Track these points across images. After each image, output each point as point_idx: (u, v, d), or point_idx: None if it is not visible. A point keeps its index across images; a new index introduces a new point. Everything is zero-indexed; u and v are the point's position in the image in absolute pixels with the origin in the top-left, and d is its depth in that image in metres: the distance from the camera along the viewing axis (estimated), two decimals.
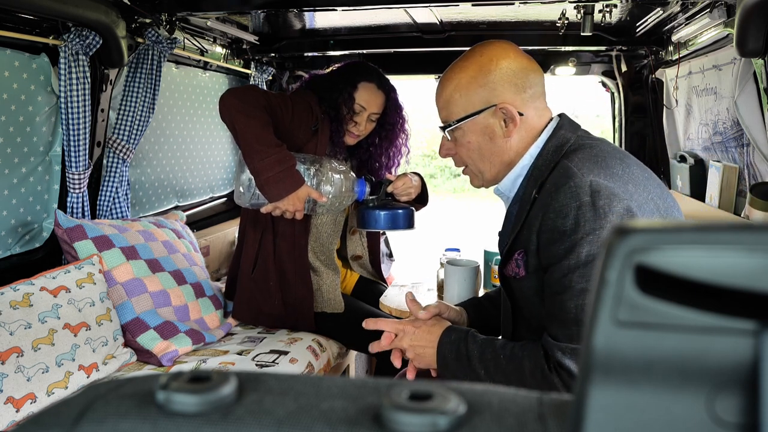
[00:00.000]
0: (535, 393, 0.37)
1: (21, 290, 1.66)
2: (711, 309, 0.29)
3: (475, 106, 1.24)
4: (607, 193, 1.07)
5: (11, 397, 1.51)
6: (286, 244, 2.16)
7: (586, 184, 1.08)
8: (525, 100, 1.23)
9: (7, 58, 1.78)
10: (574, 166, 1.12)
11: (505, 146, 1.25)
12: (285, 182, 1.83)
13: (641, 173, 1.16)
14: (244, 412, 0.34)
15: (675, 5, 1.98)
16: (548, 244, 1.12)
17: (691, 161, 2.39)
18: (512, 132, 1.23)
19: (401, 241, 2.83)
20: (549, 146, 1.22)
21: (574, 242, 1.08)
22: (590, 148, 1.17)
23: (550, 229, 1.11)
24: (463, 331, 1.24)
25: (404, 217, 2.12)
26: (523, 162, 1.26)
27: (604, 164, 1.12)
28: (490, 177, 1.31)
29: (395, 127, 2.28)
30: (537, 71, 1.26)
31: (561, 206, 1.09)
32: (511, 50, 1.25)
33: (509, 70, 1.23)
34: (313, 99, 2.15)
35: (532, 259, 1.16)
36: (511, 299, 1.27)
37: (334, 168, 2.00)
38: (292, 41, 2.86)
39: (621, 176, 1.11)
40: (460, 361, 1.20)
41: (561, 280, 1.09)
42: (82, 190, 2.02)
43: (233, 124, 1.85)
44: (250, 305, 2.20)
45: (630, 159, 1.19)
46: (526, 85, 1.23)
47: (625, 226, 0.30)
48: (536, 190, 1.18)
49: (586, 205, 1.07)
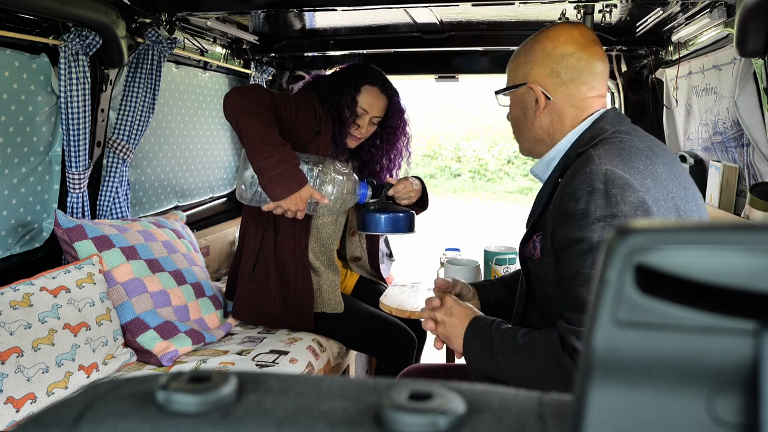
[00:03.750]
0: (535, 393, 0.37)
1: (21, 290, 1.66)
2: (711, 309, 0.29)
3: (516, 80, 1.31)
4: (621, 182, 1.08)
5: (11, 397, 1.51)
6: (287, 243, 2.16)
7: (601, 171, 1.10)
8: (556, 85, 1.26)
9: (7, 58, 1.78)
10: (596, 155, 1.14)
11: (536, 124, 1.30)
12: (288, 181, 1.83)
13: (666, 173, 1.16)
14: (244, 412, 0.34)
15: (675, 5, 1.98)
16: (559, 228, 1.14)
17: (691, 161, 2.39)
18: (539, 112, 1.28)
19: (401, 241, 2.83)
20: (585, 135, 1.24)
21: (584, 227, 1.09)
22: (620, 142, 1.18)
23: (562, 212, 1.13)
24: (489, 321, 1.25)
25: (405, 221, 2.13)
26: (559, 147, 1.28)
27: (626, 157, 1.13)
28: (525, 149, 1.38)
29: (397, 130, 2.29)
30: (585, 60, 1.25)
31: (574, 190, 1.11)
32: (564, 34, 1.26)
33: (549, 52, 1.25)
34: (315, 99, 2.15)
35: (547, 243, 1.18)
36: (526, 280, 1.29)
37: (337, 170, 2.01)
38: (292, 41, 2.86)
39: (641, 171, 1.12)
40: (483, 349, 1.22)
41: (573, 265, 1.10)
42: (82, 190, 2.02)
43: (237, 123, 1.85)
44: (250, 304, 2.20)
45: (658, 158, 1.18)
46: (562, 71, 1.25)
47: (625, 226, 0.30)
48: (560, 174, 1.20)
49: (599, 192, 1.08)
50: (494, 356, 1.20)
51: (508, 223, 8.57)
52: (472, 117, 12.92)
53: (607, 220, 1.07)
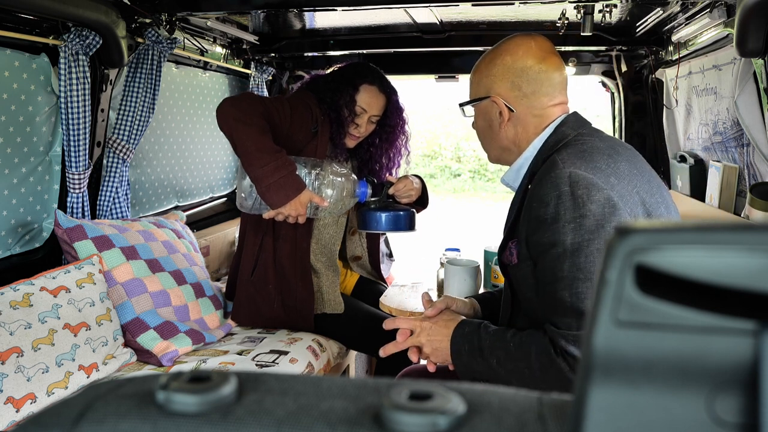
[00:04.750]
0: (535, 393, 0.37)
1: (21, 290, 1.66)
2: (711, 309, 0.29)
3: (479, 93, 1.36)
4: (585, 183, 1.12)
5: (11, 397, 1.51)
6: (287, 246, 2.15)
7: (565, 174, 1.13)
8: (518, 98, 1.30)
9: (7, 58, 1.78)
10: (560, 159, 1.18)
11: (501, 135, 1.35)
12: (286, 188, 1.82)
13: (629, 168, 1.20)
14: (244, 412, 0.34)
15: (675, 5, 1.98)
16: (532, 233, 1.17)
17: (691, 161, 2.39)
18: (503, 124, 1.32)
19: (401, 241, 2.83)
20: (549, 141, 1.28)
21: (556, 230, 1.12)
22: (581, 144, 1.22)
23: (534, 218, 1.16)
24: (476, 324, 1.28)
25: (405, 219, 2.13)
26: (526, 154, 1.32)
27: (588, 158, 1.17)
28: (493, 157, 1.43)
29: (395, 129, 2.29)
30: (544, 72, 1.29)
31: (542, 195, 1.15)
32: (522, 48, 1.30)
33: (509, 66, 1.30)
34: (312, 100, 2.14)
35: (522, 248, 1.22)
36: (510, 286, 1.33)
37: (335, 171, 2.01)
38: (292, 41, 2.86)
39: (603, 169, 1.15)
40: (473, 353, 1.24)
41: (551, 270, 1.13)
42: (82, 190, 2.02)
43: (232, 134, 1.84)
44: (249, 307, 2.20)
45: (620, 156, 1.22)
46: (523, 84, 1.29)
47: (625, 226, 0.30)
48: (529, 181, 1.24)
49: (566, 195, 1.12)
50: (486, 359, 1.22)
51: None
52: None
53: (576, 221, 1.11)
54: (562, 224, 1.11)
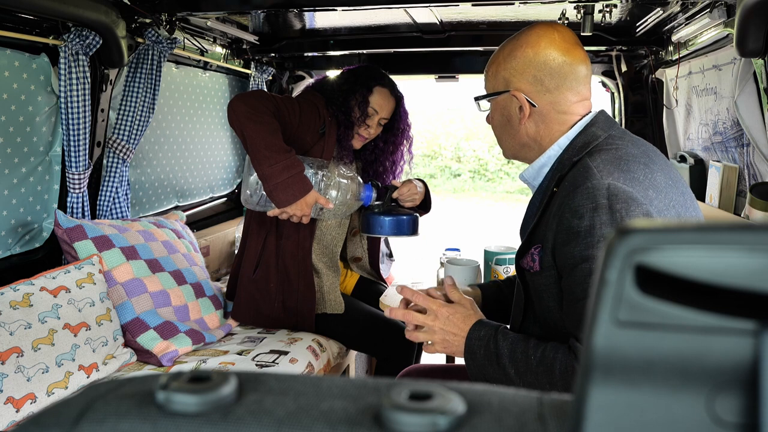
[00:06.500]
0: (535, 393, 0.37)
1: (21, 290, 1.66)
2: (711, 309, 0.29)
3: (497, 87, 1.28)
4: (624, 197, 1.06)
5: (11, 397, 1.51)
6: (290, 246, 2.16)
7: (603, 186, 1.07)
8: (540, 93, 1.22)
9: (7, 58, 1.78)
10: (594, 166, 1.10)
11: (521, 131, 1.27)
12: (293, 188, 1.83)
13: (665, 180, 1.14)
14: (244, 412, 0.34)
15: (675, 5, 1.98)
16: (563, 245, 1.10)
17: (691, 161, 2.39)
18: (524, 120, 1.25)
19: (401, 241, 2.84)
20: (577, 141, 1.21)
21: (590, 245, 1.06)
22: (615, 150, 1.14)
23: (566, 229, 1.10)
24: (493, 327, 1.21)
25: (409, 224, 2.14)
26: (550, 152, 1.25)
27: (626, 168, 1.10)
28: (509, 154, 1.36)
29: (401, 134, 2.32)
30: (568, 65, 1.21)
31: (577, 206, 1.08)
32: (545, 39, 1.22)
33: (531, 59, 1.22)
34: (320, 101, 2.16)
35: (547, 257, 1.15)
36: (525, 291, 1.26)
37: (341, 173, 2.02)
38: (292, 41, 2.86)
39: (642, 181, 1.09)
40: (489, 358, 1.18)
41: (582, 285, 1.07)
42: (82, 190, 2.02)
43: (242, 131, 1.85)
44: (249, 306, 2.20)
45: (655, 165, 1.15)
46: (545, 78, 1.21)
47: (625, 226, 0.30)
48: (555, 184, 1.17)
49: (603, 208, 1.05)
50: (503, 368, 1.17)
51: (508, 223, 8.56)
52: (472, 117, 12.91)
53: None
54: (597, 239, 1.05)
